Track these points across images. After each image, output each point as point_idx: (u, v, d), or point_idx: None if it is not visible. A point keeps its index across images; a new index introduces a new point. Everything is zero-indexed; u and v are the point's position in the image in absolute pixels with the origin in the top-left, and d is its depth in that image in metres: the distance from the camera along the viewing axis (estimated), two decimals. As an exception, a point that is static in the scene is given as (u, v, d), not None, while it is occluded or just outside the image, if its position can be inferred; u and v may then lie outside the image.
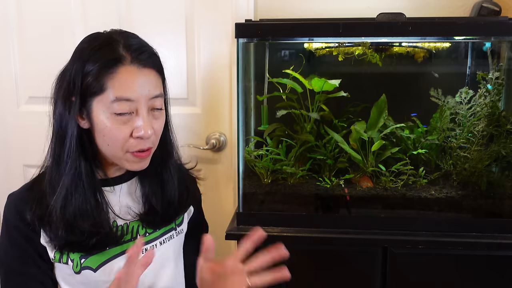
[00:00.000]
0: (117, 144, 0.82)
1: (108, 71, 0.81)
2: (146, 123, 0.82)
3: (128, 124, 0.82)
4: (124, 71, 0.81)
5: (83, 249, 0.85)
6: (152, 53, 0.86)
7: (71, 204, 0.83)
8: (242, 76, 1.13)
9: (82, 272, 0.85)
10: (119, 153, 0.83)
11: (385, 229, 1.10)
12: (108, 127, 0.81)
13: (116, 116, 0.81)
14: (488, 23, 1.08)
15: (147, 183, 0.93)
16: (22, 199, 0.87)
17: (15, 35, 1.50)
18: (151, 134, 0.83)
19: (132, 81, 0.81)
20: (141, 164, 0.86)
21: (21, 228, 0.85)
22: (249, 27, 1.13)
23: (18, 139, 1.56)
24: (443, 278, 1.10)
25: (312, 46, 1.27)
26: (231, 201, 1.50)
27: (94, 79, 0.81)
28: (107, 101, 0.81)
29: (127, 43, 0.83)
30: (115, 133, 0.82)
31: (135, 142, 0.82)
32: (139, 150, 0.83)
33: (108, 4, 1.46)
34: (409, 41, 1.13)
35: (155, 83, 0.85)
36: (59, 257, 0.85)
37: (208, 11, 1.43)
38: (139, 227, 0.91)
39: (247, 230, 1.12)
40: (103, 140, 0.83)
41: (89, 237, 0.84)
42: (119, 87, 0.81)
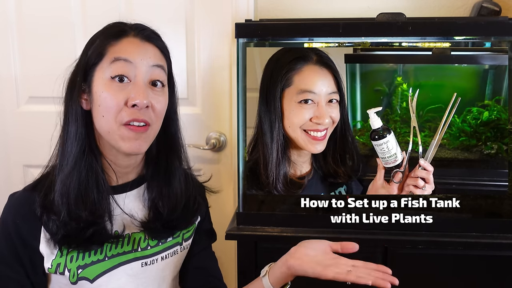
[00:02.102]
0: (111, 112, 0.79)
1: (110, 41, 0.81)
2: (142, 90, 0.79)
3: (124, 92, 0.79)
4: (126, 41, 0.81)
5: (80, 242, 0.81)
6: (156, 34, 0.86)
7: (72, 182, 0.80)
8: (242, 76, 1.13)
9: (79, 282, 0.82)
10: (113, 126, 0.79)
11: (385, 229, 1.10)
12: (104, 93, 0.79)
13: (113, 81, 0.79)
14: (488, 23, 1.08)
15: (154, 185, 0.90)
16: (24, 202, 0.84)
17: (15, 35, 1.50)
18: (147, 104, 0.79)
19: (133, 47, 0.81)
20: (137, 144, 0.81)
21: (21, 232, 0.82)
22: (249, 27, 1.13)
23: (18, 139, 1.56)
24: (443, 278, 1.10)
25: (312, 46, 1.26)
26: (231, 201, 1.50)
27: (96, 49, 0.80)
28: (106, 65, 0.79)
29: (134, 24, 0.85)
30: (109, 100, 0.78)
31: (129, 111, 0.79)
32: (133, 119, 0.79)
33: (108, 4, 1.46)
34: (409, 41, 1.13)
35: (158, 56, 0.84)
36: (56, 266, 0.82)
37: (208, 11, 1.43)
38: (140, 240, 0.88)
39: (247, 230, 1.13)
40: (98, 112, 0.80)
41: (86, 227, 0.80)
42: (119, 51, 0.80)
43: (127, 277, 0.86)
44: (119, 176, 0.88)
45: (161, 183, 0.90)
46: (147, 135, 0.82)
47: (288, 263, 0.81)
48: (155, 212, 0.89)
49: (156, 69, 0.82)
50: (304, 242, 0.84)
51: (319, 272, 0.77)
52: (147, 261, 0.88)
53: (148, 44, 0.83)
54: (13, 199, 0.86)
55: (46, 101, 1.44)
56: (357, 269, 0.76)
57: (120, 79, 0.79)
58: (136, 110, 0.79)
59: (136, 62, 0.80)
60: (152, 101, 0.81)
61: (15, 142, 1.56)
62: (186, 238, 0.94)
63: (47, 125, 0.89)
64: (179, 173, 0.91)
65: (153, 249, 0.89)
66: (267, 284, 0.83)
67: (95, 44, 0.81)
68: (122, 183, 0.89)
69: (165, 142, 0.90)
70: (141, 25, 0.85)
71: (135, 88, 0.79)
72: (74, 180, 0.81)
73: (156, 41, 0.85)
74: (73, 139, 0.82)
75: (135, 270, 0.87)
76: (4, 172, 1.58)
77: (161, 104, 0.83)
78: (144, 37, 0.83)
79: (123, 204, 0.88)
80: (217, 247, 1.05)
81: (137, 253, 0.87)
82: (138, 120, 0.79)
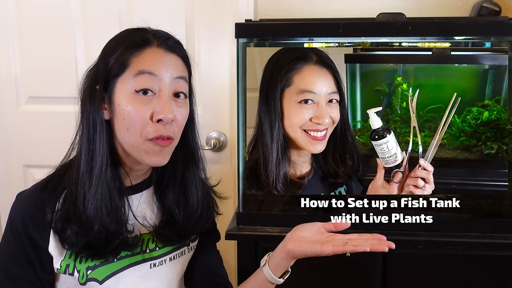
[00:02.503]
0: (136, 126, 0.77)
1: (133, 51, 0.78)
2: (167, 105, 0.77)
3: (149, 106, 0.77)
4: (150, 51, 0.79)
5: (100, 253, 0.81)
6: (179, 43, 0.84)
7: (102, 195, 0.79)
8: (242, 76, 1.13)
9: (88, 283, 0.82)
10: (138, 140, 0.78)
11: (385, 229, 1.10)
12: (128, 107, 0.77)
13: (137, 95, 0.77)
14: (488, 23, 1.08)
15: (170, 190, 0.89)
16: (34, 202, 0.82)
17: (15, 35, 1.50)
18: (172, 118, 0.78)
19: (157, 59, 0.79)
20: (160, 157, 0.80)
21: (30, 233, 0.80)
22: (249, 27, 1.13)
23: (18, 139, 1.56)
24: (443, 278, 1.10)
25: (312, 45, 1.26)
26: (231, 201, 1.50)
27: (118, 59, 0.78)
28: (130, 77, 0.77)
29: (157, 32, 0.82)
30: (134, 114, 0.77)
31: (154, 127, 0.77)
32: (159, 136, 0.78)
33: (108, 4, 1.46)
34: (409, 41, 1.13)
35: (181, 66, 0.82)
36: (65, 267, 0.82)
37: (208, 11, 1.43)
38: (149, 241, 0.88)
39: (247, 230, 1.13)
40: (122, 125, 0.78)
41: (112, 238, 0.80)
42: (143, 62, 0.78)
43: (136, 278, 0.86)
44: (133, 179, 0.87)
45: (178, 191, 0.89)
46: (170, 148, 0.82)
47: (286, 248, 0.82)
48: (170, 219, 0.89)
49: (179, 81, 0.81)
50: (299, 226, 0.86)
51: (318, 250, 0.78)
52: (155, 263, 0.88)
53: (171, 54, 0.81)
54: (21, 198, 0.84)
55: (46, 101, 1.44)
56: (353, 240, 0.78)
57: (144, 92, 0.77)
58: (161, 125, 0.78)
59: (160, 74, 0.78)
60: (176, 113, 0.80)
61: (15, 142, 1.56)
62: (193, 239, 0.95)
63: (47, 125, 0.89)
64: (196, 183, 0.90)
65: (162, 250, 0.89)
66: (268, 272, 0.84)
67: (116, 54, 0.79)
68: (134, 184, 0.88)
69: (183, 151, 0.88)
70: (165, 33, 0.83)
71: (160, 102, 0.78)
72: (104, 192, 0.79)
73: (179, 51, 0.83)
74: (98, 151, 0.79)
75: (143, 272, 0.87)
76: (4, 172, 1.58)
77: (183, 116, 0.82)
78: (168, 48, 0.81)
79: (135, 206, 0.87)
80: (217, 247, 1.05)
81: (145, 254, 0.87)
82: (164, 137, 0.78)
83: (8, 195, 1.57)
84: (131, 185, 0.88)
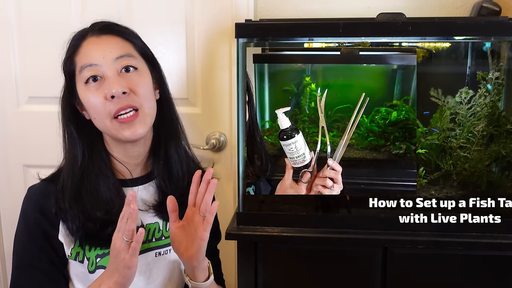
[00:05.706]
0: (98, 111, 0.84)
1: (73, 51, 0.87)
2: (113, 80, 0.83)
3: (100, 89, 0.84)
4: (85, 43, 0.86)
5: (101, 240, 0.85)
6: (113, 24, 0.89)
7: (83, 187, 0.85)
8: (242, 76, 1.13)
9: (97, 271, 0.86)
10: (106, 122, 0.85)
11: (385, 229, 1.10)
12: (87, 98, 0.85)
13: (88, 85, 0.84)
14: (488, 23, 1.08)
15: (159, 172, 0.95)
16: (43, 193, 0.88)
17: (15, 35, 1.50)
18: (122, 91, 0.83)
19: (92, 48, 0.85)
20: (132, 130, 0.86)
21: (41, 223, 0.86)
22: (249, 27, 1.13)
23: (18, 139, 1.56)
24: (443, 278, 1.10)
25: (311, 46, 1.27)
26: (231, 201, 1.50)
27: (67, 64, 0.88)
28: (78, 75, 0.85)
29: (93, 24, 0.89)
30: (93, 102, 0.84)
31: (112, 104, 0.84)
32: (119, 109, 0.83)
33: (108, 4, 1.46)
34: (409, 41, 1.13)
35: (119, 45, 0.87)
36: (75, 254, 0.86)
37: (208, 11, 1.43)
38: (155, 230, 0.92)
39: (247, 230, 1.13)
40: (92, 116, 0.86)
41: (105, 226, 0.85)
42: (82, 58, 0.85)
43: (142, 266, 0.90)
44: (132, 169, 0.93)
45: (163, 168, 0.94)
46: (140, 119, 0.86)
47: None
48: (162, 194, 0.94)
49: (122, 60, 0.86)
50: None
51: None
52: (160, 251, 0.92)
53: (105, 36, 0.86)
54: (32, 190, 0.90)
55: (46, 101, 1.44)
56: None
57: (94, 79, 0.84)
58: (117, 100, 0.83)
59: (99, 62, 0.84)
60: (129, 86, 0.84)
61: (15, 142, 1.56)
62: None
63: (47, 125, 0.92)
64: (179, 154, 0.96)
65: (167, 240, 0.94)
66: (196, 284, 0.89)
67: (64, 59, 0.88)
68: (135, 177, 0.94)
69: (162, 126, 0.94)
70: (97, 22, 0.89)
71: (108, 81, 0.83)
72: (85, 184, 0.85)
73: (113, 31, 0.88)
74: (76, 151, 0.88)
75: (149, 260, 0.91)
76: (4, 172, 1.58)
77: (142, 86, 0.87)
78: (99, 32, 0.86)
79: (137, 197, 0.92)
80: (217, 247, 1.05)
81: (151, 243, 0.92)
82: (124, 108, 0.84)
83: (8, 195, 1.57)
84: (134, 178, 0.93)
